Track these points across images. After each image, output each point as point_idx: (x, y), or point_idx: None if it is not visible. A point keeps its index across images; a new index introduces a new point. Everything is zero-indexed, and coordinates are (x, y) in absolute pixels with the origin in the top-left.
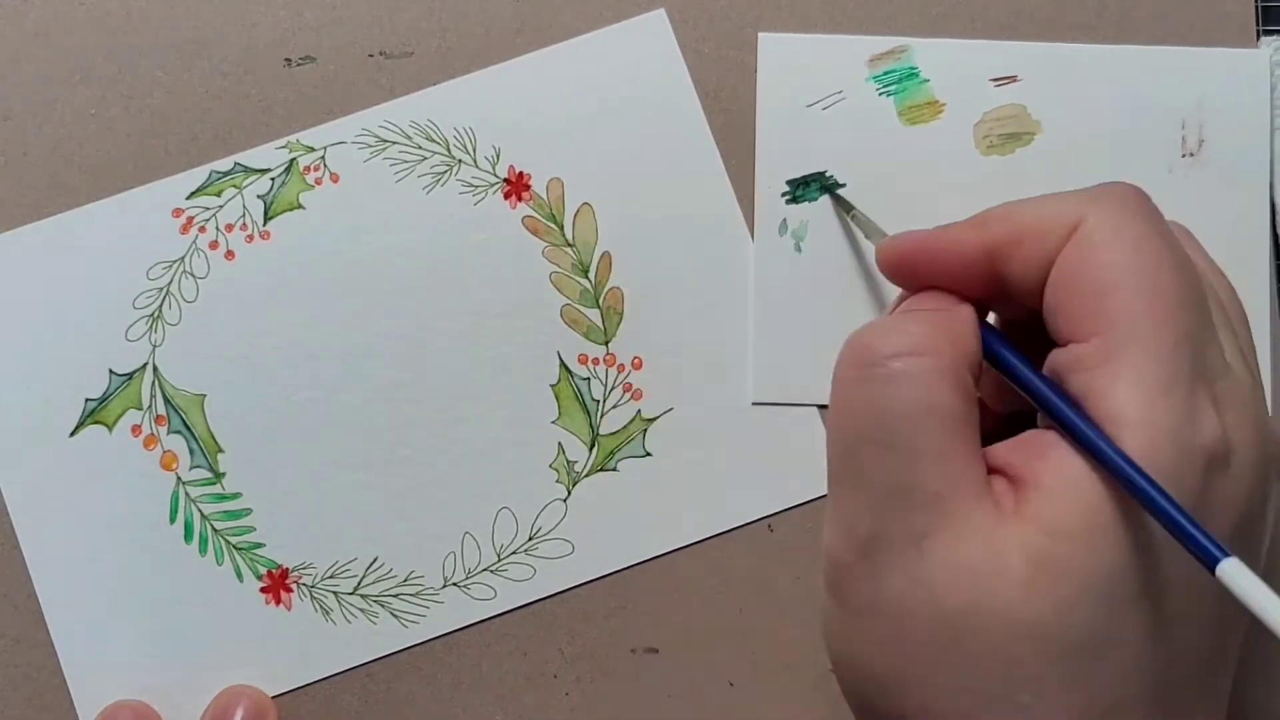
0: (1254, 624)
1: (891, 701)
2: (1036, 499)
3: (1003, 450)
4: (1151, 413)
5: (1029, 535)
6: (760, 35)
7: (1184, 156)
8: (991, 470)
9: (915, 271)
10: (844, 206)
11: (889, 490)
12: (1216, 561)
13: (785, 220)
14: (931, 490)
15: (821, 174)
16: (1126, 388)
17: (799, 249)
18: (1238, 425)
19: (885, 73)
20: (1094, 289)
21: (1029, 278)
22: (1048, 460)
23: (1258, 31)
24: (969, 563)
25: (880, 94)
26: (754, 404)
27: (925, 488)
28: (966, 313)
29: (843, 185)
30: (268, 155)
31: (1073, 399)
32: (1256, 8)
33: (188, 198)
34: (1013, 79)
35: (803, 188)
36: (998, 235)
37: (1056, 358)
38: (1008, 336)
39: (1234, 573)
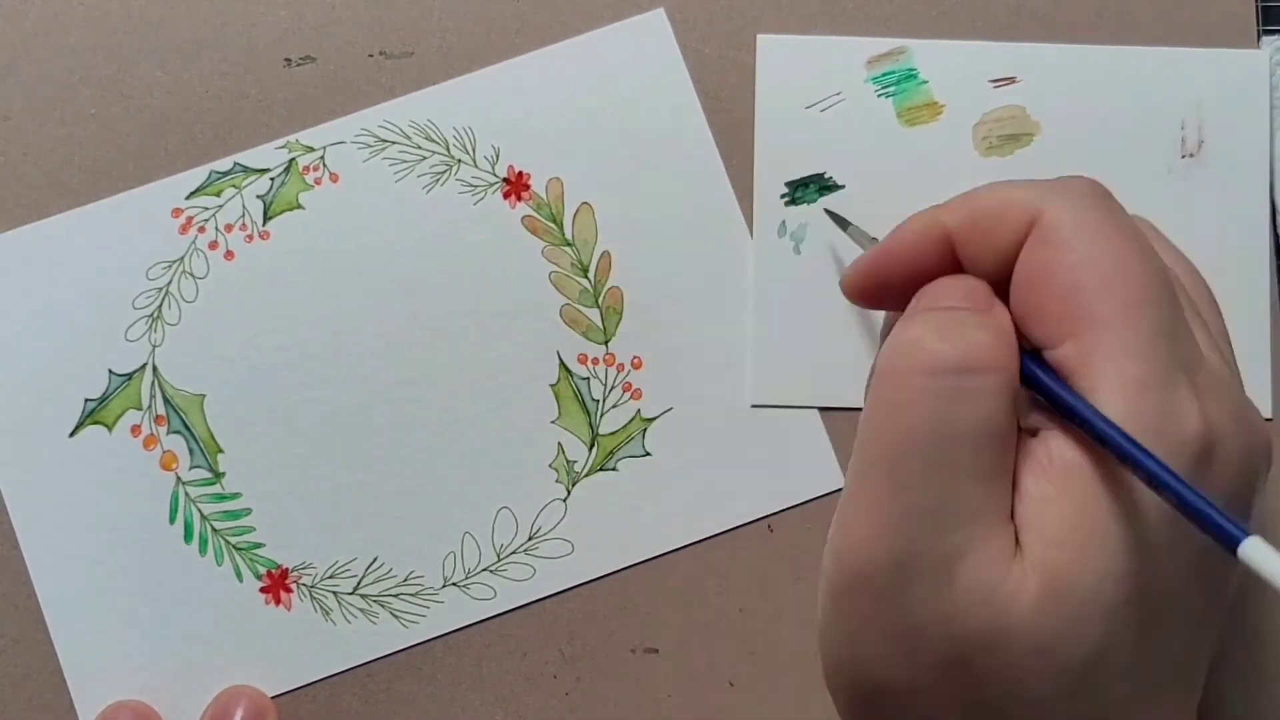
0: (1233, 627)
1: (893, 708)
2: (1028, 508)
3: None
4: (1135, 413)
5: (1035, 547)
6: (759, 37)
7: (1184, 157)
8: None
9: (885, 286)
10: (840, 223)
11: (932, 506)
12: (1237, 541)
13: (784, 222)
14: (974, 510)
15: (820, 175)
16: (1107, 390)
17: (798, 250)
18: (1220, 416)
19: (884, 74)
20: (1061, 290)
21: (984, 265)
22: (1031, 467)
23: (1258, 32)
24: (989, 587)
25: (879, 95)
26: (754, 406)
27: (970, 506)
28: (1007, 314)
29: (841, 187)
30: (267, 155)
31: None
32: (1257, 8)
33: (187, 198)
34: (1012, 80)
35: (801, 189)
36: (955, 221)
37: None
38: None
39: (1257, 551)
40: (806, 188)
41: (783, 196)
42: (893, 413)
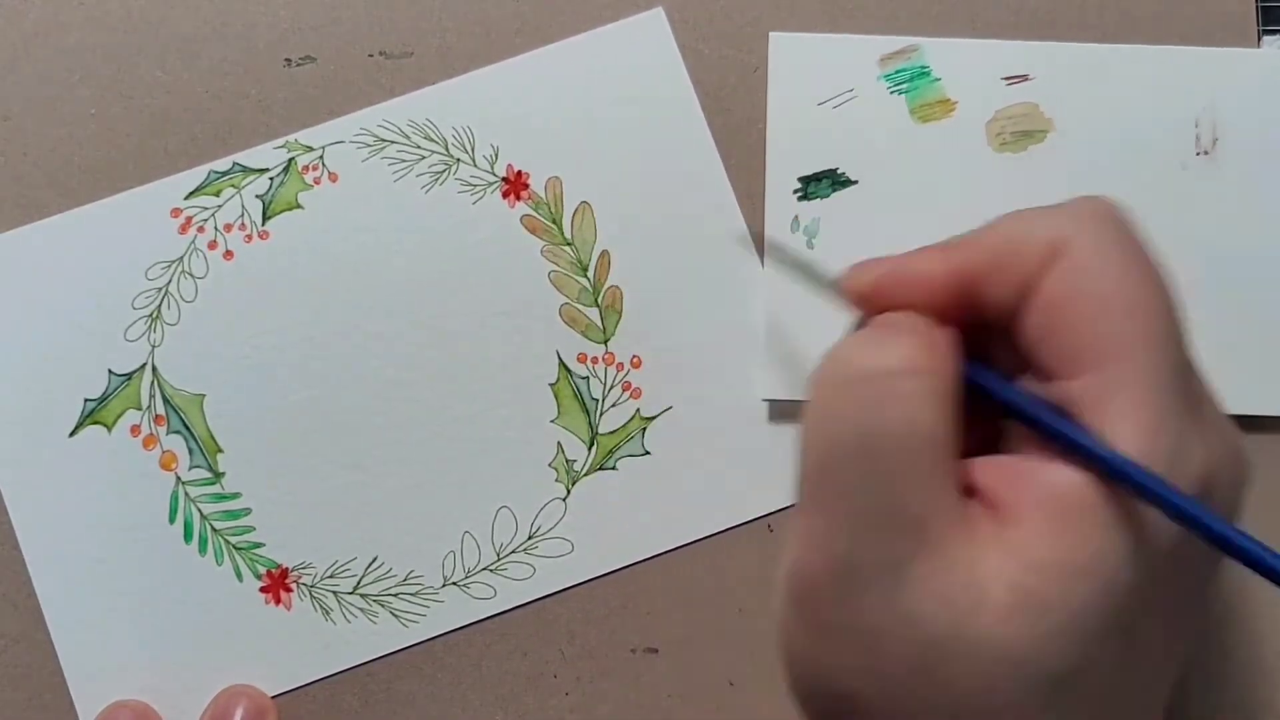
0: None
1: (864, 714)
2: (1018, 531)
3: (981, 472)
4: (1149, 451)
5: (1009, 568)
6: (771, 34)
7: (1198, 155)
8: (967, 490)
9: (885, 301)
10: (782, 259)
11: (869, 511)
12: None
13: (797, 217)
14: (914, 515)
15: (833, 171)
16: (1123, 426)
17: (811, 245)
18: (1219, 453)
19: (896, 71)
20: (1084, 323)
21: (1005, 303)
22: (1030, 492)
23: (1258, 32)
24: (949, 592)
25: (892, 92)
26: (765, 400)
27: (908, 512)
28: (952, 334)
29: (854, 182)
30: (266, 155)
31: (1070, 418)
32: (1257, 8)
33: (186, 198)
34: (1024, 78)
35: (814, 184)
36: (970, 260)
37: (1043, 392)
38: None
39: None
40: (819, 183)
41: (795, 191)
42: (822, 422)
